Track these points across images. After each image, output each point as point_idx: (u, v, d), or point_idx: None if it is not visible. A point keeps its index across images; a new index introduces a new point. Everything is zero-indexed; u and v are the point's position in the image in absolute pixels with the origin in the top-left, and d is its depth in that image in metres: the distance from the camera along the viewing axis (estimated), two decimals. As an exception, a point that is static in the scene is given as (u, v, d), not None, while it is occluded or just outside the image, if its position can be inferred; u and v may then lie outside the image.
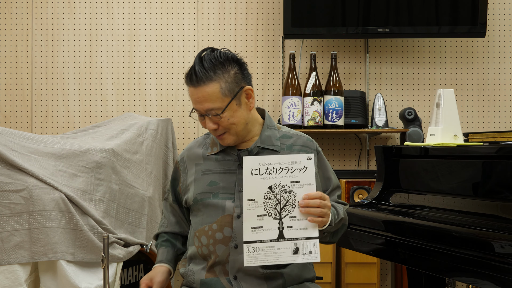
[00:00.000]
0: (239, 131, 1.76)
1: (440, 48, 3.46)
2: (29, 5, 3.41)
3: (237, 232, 1.72)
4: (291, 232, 1.58)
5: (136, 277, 2.56)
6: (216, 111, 1.71)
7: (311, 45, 3.43)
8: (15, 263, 2.09)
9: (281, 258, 1.58)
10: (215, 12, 3.44)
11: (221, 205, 1.75)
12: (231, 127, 1.74)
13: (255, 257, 1.57)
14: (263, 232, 1.57)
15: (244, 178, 1.58)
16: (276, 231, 1.58)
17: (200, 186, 1.80)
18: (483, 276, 1.63)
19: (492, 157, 1.89)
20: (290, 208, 1.59)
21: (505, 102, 3.46)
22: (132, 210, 2.54)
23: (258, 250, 1.57)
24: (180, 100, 3.43)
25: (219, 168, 1.80)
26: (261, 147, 1.79)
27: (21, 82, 3.42)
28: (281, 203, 1.59)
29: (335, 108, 3.18)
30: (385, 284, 3.37)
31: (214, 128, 1.73)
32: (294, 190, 1.59)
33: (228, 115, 1.72)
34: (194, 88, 1.72)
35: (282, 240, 1.58)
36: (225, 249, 1.72)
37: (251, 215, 1.57)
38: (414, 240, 1.91)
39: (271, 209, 1.58)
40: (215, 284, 1.73)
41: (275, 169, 1.59)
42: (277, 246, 1.58)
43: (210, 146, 1.85)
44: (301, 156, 1.60)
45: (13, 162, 2.14)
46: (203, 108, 1.72)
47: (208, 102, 1.71)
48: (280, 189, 1.59)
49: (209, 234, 1.75)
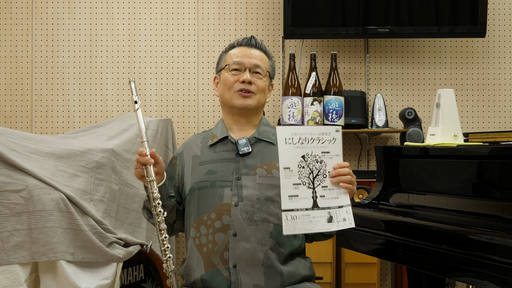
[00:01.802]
0: (260, 101, 1.87)
1: (440, 48, 3.46)
2: (29, 5, 3.41)
3: (235, 220, 1.74)
4: (324, 201, 1.61)
5: (136, 277, 2.56)
6: (261, 69, 1.86)
7: (311, 45, 3.43)
8: (15, 263, 2.09)
9: (317, 227, 1.60)
10: (215, 12, 3.44)
11: (219, 193, 1.77)
12: (259, 93, 1.86)
13: (293, 225, 1.59)
14: (299, 200, 1.60)
15: (279, 147, 1.60)
16: (311, 200, 1.61)
17: (197, 176, 1.83)
18: (483, 276, 1.63)
19: (492, 157, 1.89)
20: (321, 178, 1.62)
21: (505, 102, 3.46)
22: (132, 210, 2.54)
23: (295, 218, 1.59)
24: (180, 100, 3.43)
25: (216, 157, 1.84)
26: (258, 138, 1.86)
27: (21, 82, 3.42)
28: (314, 172, 1.62)
29: (335, 108, 3.18)
30: (385, 284, 3.37)
31: (250, 80, 1.83)
32: (325, 160, 1.62)
33: (264, 81, 1.87)
34: (249, 48, 1.88)
35: (317, 209, 1.61)
36: (224, 237, 1.73)
37: (287, 184, 1.59)
38: (414, 240, 1.91)
39: (305, 178, 1.61)
40: (215, 277, 1.73)
41: (307, 139, 1.61)
42: (312, 215, 1.60)
43: (210, 137, 1.90)
44: (330, 128, 1.64)
45: (13, 162, 2.14)
46: (252, 62, 1.86)
47: (259, 61, 1.87)
48: (312, 159, 1.62)
49: (208, 224, 1.76)
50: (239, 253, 1.72)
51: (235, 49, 1.89)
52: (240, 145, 1.83)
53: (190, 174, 1.85)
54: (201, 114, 3.44)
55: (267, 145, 1.86)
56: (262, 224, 1.75)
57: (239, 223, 1.74)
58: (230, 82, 1.84)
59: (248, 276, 1.71)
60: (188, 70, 3.44)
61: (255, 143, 1.85)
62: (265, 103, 1.92)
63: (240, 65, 1.85)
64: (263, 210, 1.76)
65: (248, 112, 1.86)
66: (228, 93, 1.85)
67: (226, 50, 1.93)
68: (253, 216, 1.74)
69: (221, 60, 1.93)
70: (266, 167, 1.81)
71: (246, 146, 1.82)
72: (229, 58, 1.88)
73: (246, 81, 1.82)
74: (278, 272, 1.74)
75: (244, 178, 1.79)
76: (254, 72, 1.85)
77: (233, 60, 1.86)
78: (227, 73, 1.86)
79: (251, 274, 1.72)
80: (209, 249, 1.75)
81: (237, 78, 1.84)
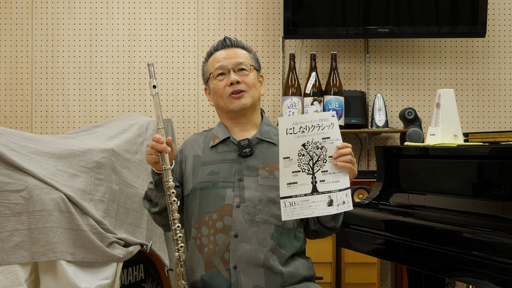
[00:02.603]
0: (254, 97, 1.85)
1: (440, 48, 3.46)
2: (29, 5, 3.41)
3: (236, 222, 1.74)
4: (324, 186, 1.63)
5: (136, 277, 2.55)
6: (245, 66, 1.84)
7: (311, 45, 3.43)
8: (15, 263, 2.09)
9: (317, 211, 1.62)
10: (215, 12, 3.44)
11: (221, 194, 1.77)
12: (251, 88, 1.84)
13: (291, 211, 1.62)
14: (297, 187, 1.62)
15: (280, 138, 1.63)
16: (310, 186, 1.63)
17: (199, 176, 1.83)
18: (483, 276, 1.63)
19: (492, 157, 1.89)
20: (321, 163, 1.64)
21: (505, 102, 3.46)
22: (132, 210, 2.54)
23: (294, 204, 1.62)
24: (180, 100, 3.43)
25: (218, 158, 1.84)
26: (260, 138, 1.85)
27: (21, 82, 3.42)
28: (313, 158, 1.64)
29: (335, 108, 3.18)
30: (385, 284, 3.37)
31: (238, 80, 1.81)
32: (325, 146, 1.64)
33: (252, 76, 1.85)
34: (225, 50, 1.86)
35: (316, 193, 1.63)
36: (225, 238, 1.73)
37: (286, 172, 1.63)
38: (414, 240, 1.91)
39: (304, 165, 1.63)
40: (215, 278, 1.73)
41: (307, 127, 1.64)
42: (311, 200, 1.62)
43: (212, 139, 1.89)
44: (327, 114, 1.66)
45: (13, 162, 2.14)
46: (233, 62, 1.83)
47: (239, 58, 1.85)
48: (313, 146, 1.64)
49: (209, 224, 1.76)
50: (240, 254, 1.72)
51: (213, 55, 1.88)
52: (242, 147, 1.82)
53: (192, 173, 1.85)
54: (201, 114, 3.44)
55: (269, 145, 1.85)
56: (263, 226, 1.75)
57: (241, 224, 1.74)
58: (220, 89, 1.83)
59: (248, 277, 1.71)
60: (188, 70, 3.44)
61: (257, 144, 1.85)
62: (261, 96, 1.91)
63: (223, 68, 1.83)
64: (264, 211, 1.76)
65: (246, 111, 1.86)
66: (221, 100, 1.85)
67: (206, 59, 1.92)
68: (254, 218, 1.74)
69: (204, 71, 1.93)
70: (268, 168, 1.81)
71: (248, 147, 1.82)
72: (211, 66, 1.87)
73: (234, 82, 1.81)
74: (279, 273, 1.74)
75: (246, 180, 1.79)
76: (239, 70, 1.84)
77: (215, 66, 1.85)
78: (214, 80, 1.86)
79: (252, 275, 1.72)
80: (210, 249, 1.75)
81: (224, 83, 1.83)
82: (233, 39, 1.89)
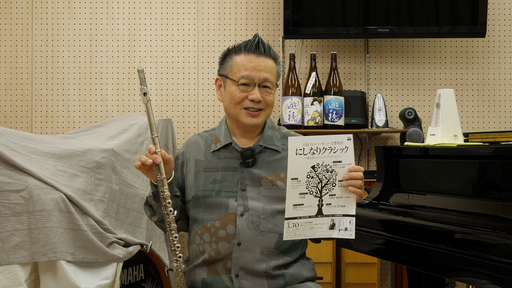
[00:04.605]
0: (268, 116, 1.81)
1: (440, 48, 3.46)
2: (29, 5, 3.41)
3: (240, 230, 1.72)
4: (329, 209, 1.62)
5: (136, 277, 2.55)
6: (270, 84, 1.77)
7: (311, 45, 3.43)
8: (15, 263, 2.09)
9: (318, 233, 1.61)
10: (215, 12, 3.44)
11: (224, 203, 1.76)
12: (269, 107, 1.79)
13: (293, 231, 1.60)
14: (303, 209, 1.60)
15: (289, 158, 1.59)
16: (316, 208, 1.61)
17: (201, 183, 1.80)
18: (483, 276, 1.63)
19: (492, 157, 1.89)
20: (330, 187, 1.62)
21: (505, 102, 3.46)
22: (132, 210, 2.54)
23: (297, 225, 1.60)
24: (180, 100, 3.43)
25: (221, 165, 1.81)
26: (264, 146, 1.81)
27: (21, 82, 3.42)
28: (323, 182, 1.61)
29: (335, 108, 3.18)
30: (385, 284, 3.37)
31: (260, 99, 1.75)
32: (336, 170, 1.62)
33: (273, 96, 1.80)
34: (257, 56, 1.77)
35: (320, 216, 1.61)
36: (228, 247, 1.72)
37: (293, 194, 1.60)
38: (414, 240, 1.91)
39: (312, 187, 1.61)
40: (216, 283, 1.73)
41: (319, 149, 1.61)
42: (315, 222, 1.61)
43: (214, 142, 1.85)
44: (342, 137, 1.63)
45: (13, 162, 2.14)
46: (262, 76, 1.76)
47: (268, 73, 1.77)
48: (323, 169, 1.61)
49: (211, 232, 1.75)
50: (242, 263, 1.72)
51: (243, 56, 1.77)
52: (245, 157, 1.78)
53: (194, 179, 1.82)
54: (201, 114, 3.44)
55: (272, 153, 1.81)
56: (268, 235, 1.74)
57: (245, 232, 1.72)
58: (238, 98, 1.75)
59: (251, 283, 1.71)
60: (188, 70, 3.44)
61: (260, 152, 1.81)
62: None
63: (249, 79, 1.75)
64: (269, 220, 1.74)
65: (254, 128, 1.81)
66: (234, 108, 1.77)
67: (231, 52, 1.81)
68: (259, 226, 1.73)
69: (226, 64, 1.81)
70: (271, 178, 1.78)
71: (251, 157, 1.77)
72: (236, 69, 1.76)
73: (256, 100, 1.75)
74: (281, 276, 1.74)
75: (249, 189, 1.77)
76: (263, 86, 1.76)
77: (242, 74, 1.75)
78: (234, 86, 1.76)
79: (254, 281, 1.72)
80: (212, 257, 1.75)
81: (245, 95, 1.75)
82: (266, 44, 1.79)
